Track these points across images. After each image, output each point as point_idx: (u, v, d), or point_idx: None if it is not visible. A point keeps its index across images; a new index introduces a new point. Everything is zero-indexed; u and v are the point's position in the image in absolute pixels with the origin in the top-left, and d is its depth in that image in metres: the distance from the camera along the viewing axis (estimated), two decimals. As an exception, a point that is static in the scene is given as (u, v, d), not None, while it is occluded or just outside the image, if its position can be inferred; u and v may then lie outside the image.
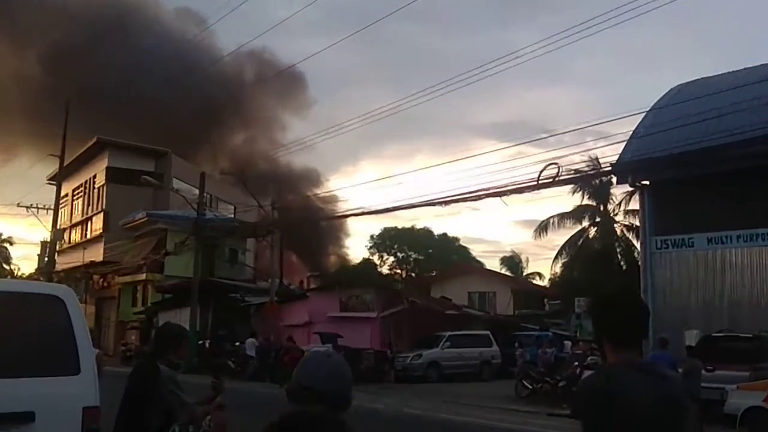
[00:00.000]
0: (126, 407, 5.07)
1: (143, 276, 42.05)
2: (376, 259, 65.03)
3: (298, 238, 47.27)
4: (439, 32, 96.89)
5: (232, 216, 43.69)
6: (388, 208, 30.40)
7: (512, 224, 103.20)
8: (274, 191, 36.35)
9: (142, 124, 49.44)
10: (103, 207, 47.43)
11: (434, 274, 57.63)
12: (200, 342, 32.61)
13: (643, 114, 22.64)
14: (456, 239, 67.00)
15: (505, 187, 22.66)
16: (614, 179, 26.65)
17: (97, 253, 47.07)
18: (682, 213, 21.39)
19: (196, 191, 36.39)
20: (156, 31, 54.14)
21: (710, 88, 21.44)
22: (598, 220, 42.18)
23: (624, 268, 39.45)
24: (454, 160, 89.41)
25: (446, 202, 25.56)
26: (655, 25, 79.52)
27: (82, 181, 51.25)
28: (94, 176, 49.43)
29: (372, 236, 66.12)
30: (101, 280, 47.35)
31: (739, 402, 14.38)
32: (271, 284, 34.93)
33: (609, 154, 26.71)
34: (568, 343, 27.87)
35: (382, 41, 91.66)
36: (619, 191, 39.44)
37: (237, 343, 31.81)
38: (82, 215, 51.56)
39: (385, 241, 65.17)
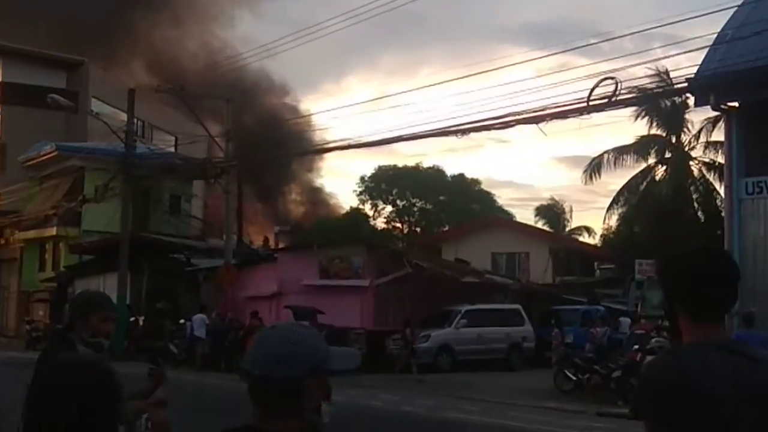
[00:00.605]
0: (35, 404, 5.11)
1: (53, 231, 41.97)
2: (368, 208, 65.31)
3: (262, 179, 47.28)
4: None
5: (173, 150, 43.56)
6: (384, 140, 30.27)
7: (553, 162, 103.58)
8: (230, 115, 36.07)
9: (46, 24, 48.95)
10: (-3, 137, 47.24)
11: (447, 229, 57.86)
12: (132, 319, 32.80)
13: (733, 11, 22.49)
14: (477, 182, 67.57)
15: (544, 110, 22.62)
16: (691, 100, 26.58)
17: (-11, 200, 47.04)
18: (782, 145, 21.44)
19: (123, 116, 36.17)
20: None
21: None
22: (668, 156, 42.27)
23: (702, 220, 39.68)
24: (472, 75, 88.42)
25: (463, 131, 25.52)
26: None
27: (-33, 101, 50.88)
28: (-16, 95, 49.08)
29: (362, 178, 66.56)
30: (-4, 235, 47.40)
31: None
32: (227, 242, 34.96)
33: (684, 65, 26.54)
34: (626, 321, 28.14)
35: None
36: (697, 117, 39.46)
37: (181, 321, 31.96)
38: (-31, 148, 51.31)
39: (380, 184, 65.36)
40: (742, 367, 2.79)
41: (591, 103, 21.64)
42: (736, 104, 22.57)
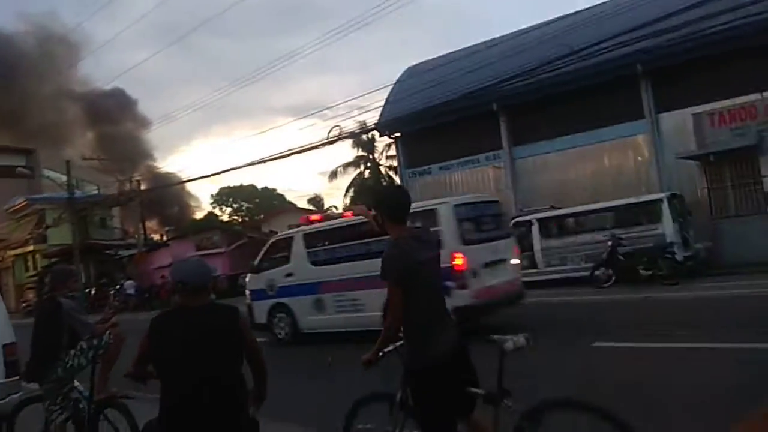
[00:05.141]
0: (39, 333, 4.59)
1: (31, 247, 37.68)
2: (217, 211, 62.77)
3: (154, 202, 43.96)
4: (238, 41, 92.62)
5: (97, 192, 39.79)
6: (220, 171, 29.62)
7: (315, 174, 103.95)
8: (129, 168, 33.44)
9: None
10: (-14, 198, 41.16)
11: (262, 216, 56.68)
12: (87, 290, 29.91)
13: (390, 87, 23.34)
14: (274, 190, 66.01)
15: (306, 146, 22.58)
16: (377, 134, 27.41)
17: (-14, 235, 41.09)
18: (422, 152, 22.60)
19: (64, 177, 32.56)
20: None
21: (429, 65, 22.59)
22: (369, 165, 43.34)
23: (390, 194, 41.11)
24: (264, 131, 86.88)
25: (264, 162, 25.02)
26: (392, 26, 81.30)
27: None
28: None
29: (212, 195, 63.87)
30: (-6, 255, 41.56)
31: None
32: (138, 238, 32.59)
33: (372, 117, 27.44)
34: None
35: (194, 51, 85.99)
36: (381, 144, 40.76)
37: (117, 287, 29.67)
38: (-34, 207, 44.32)
39: (222, 197, 62.82)
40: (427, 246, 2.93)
41: (329, 140, 21.84)
42: (399, 134, 23.55)
